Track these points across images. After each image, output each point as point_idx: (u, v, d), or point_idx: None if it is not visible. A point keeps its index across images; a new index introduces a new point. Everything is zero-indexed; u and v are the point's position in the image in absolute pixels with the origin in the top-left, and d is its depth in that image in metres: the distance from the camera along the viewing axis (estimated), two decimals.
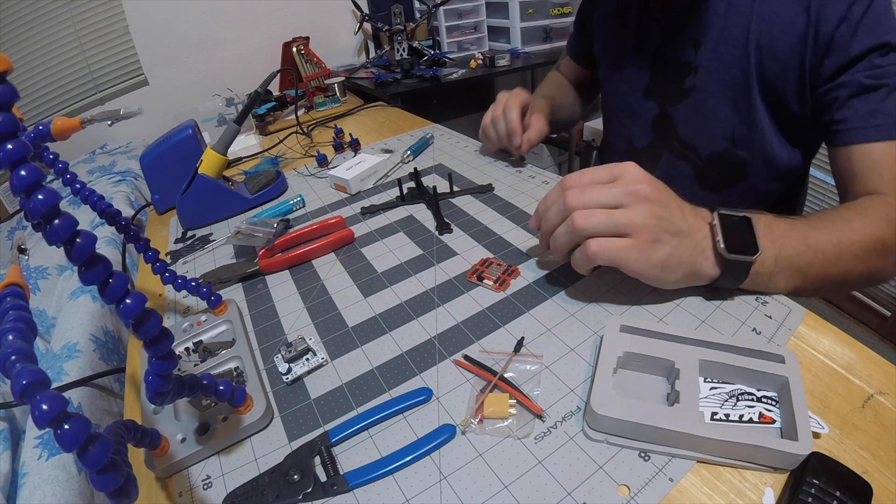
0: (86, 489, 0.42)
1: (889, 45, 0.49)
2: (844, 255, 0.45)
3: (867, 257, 0.46)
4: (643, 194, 0.40)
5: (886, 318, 1.44)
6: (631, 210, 0.40)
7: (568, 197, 0.41)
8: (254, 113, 1.11)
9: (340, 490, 0.33)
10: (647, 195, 0.40)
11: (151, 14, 1.41)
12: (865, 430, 0.33)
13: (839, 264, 0.45)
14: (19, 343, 0.25)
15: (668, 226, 0.40)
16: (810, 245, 0.44)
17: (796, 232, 0.44)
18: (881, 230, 0.46)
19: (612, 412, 0.32)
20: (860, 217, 0.47)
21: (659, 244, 0.40)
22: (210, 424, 0.37)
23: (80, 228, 0.24)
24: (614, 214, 0.40)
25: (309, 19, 1.64)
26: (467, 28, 1.66)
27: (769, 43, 0.56)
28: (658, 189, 0.41)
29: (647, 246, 0.39)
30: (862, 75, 0.50)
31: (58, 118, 0.48)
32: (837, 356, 0.38)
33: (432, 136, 0.90)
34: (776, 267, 0.43)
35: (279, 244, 0.60)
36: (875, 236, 0.46)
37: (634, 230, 0.39)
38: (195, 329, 0.48)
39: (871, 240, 0.45)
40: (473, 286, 0.50)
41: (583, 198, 0.41)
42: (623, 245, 0.39)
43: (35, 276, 0.69)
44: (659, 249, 0.40)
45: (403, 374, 0.41)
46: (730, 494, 0.30)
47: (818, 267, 0.44)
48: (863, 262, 0.46)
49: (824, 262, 0.44)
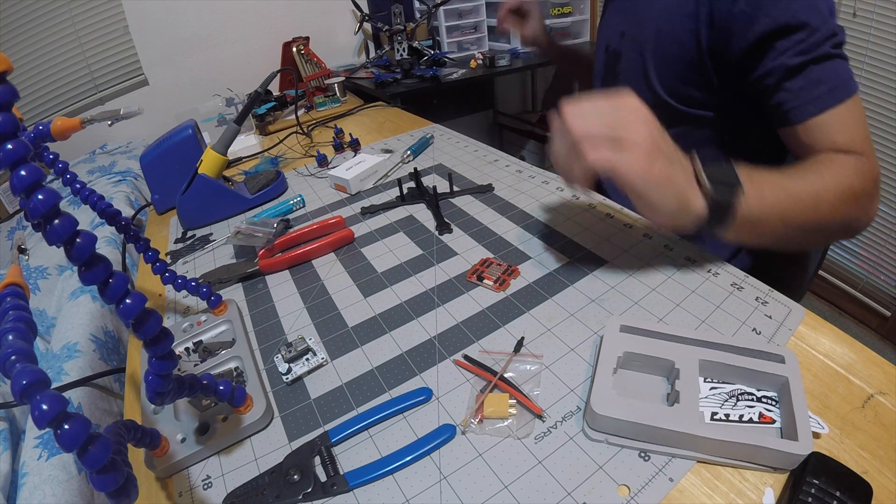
0: (86, 489, 0.42)
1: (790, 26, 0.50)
2: (822, 204, 0.46)
3: (842, 206, 0.47)
4: (634, 109, 0.41)
5: (886, 318, 1.44)
6: (630, 127, 0.40)
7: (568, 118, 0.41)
8: (254, 113, 1.11)
9: (340, 490, 0.33)
10: (637, 109, 0.41)
11: (151, 14, 1.40)
12: (865, 430, 0.33)
13: (818, 212, 0.46)
14: (19, 343, 0.25)
15: (664, 147, 0.41)
16: (789, 193, 0.45)
17: (774, 179, 0.46)
18: (850, 179, 0.48)
19: (612, 412, 0.32)
20: (827, 169, 0.48)
21: (655, 161, 0.40)
22: (210, 424, 0.37)
23: (80, 228, 0.24)
24: (608, 127, 0.40)
25: (309, 19, 1.64)
26: (467, 28, 1.66)
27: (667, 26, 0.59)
28: (651, 113, 0.42)
29: (645, 159, 0.39)
30: (785, 57, 0.51)
31: (58, 118, 0.48)
32: (837, 356, 0.38)
33: (432, 136, 0.90)
34: (761, 213, 0.44)
35: (279, 244, 0.60)
36: (845, 185, 0.47)
37: (632, 144, 0.40)
38: (195, 329, 0.48)
39: (842, 188, 0.47)
40: (473, 286, 0.50)
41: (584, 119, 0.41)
42: (621, 154, 0.40)
43: (35, 276, 0.69)
44: (655, 165, 0.40)
45: (403, 374, 0.41)
46: (730, 494, 0.30)
47: (798, 214, 0.46)
48: (839, 210, 0.47)
49: (803, 208, 0.46)
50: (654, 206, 0.41)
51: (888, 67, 1.24)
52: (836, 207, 0.47)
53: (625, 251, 0.52)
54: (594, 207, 0.60)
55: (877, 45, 1.25)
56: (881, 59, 1.25)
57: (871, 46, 1.26)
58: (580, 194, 0.48)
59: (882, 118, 1.30)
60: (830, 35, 0.49)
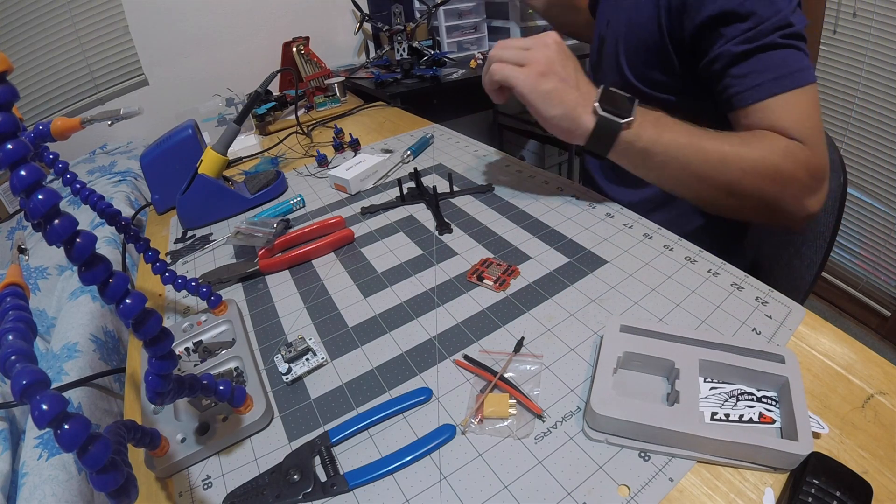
0: (86, 489, 0.42)
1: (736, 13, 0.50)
2: (731, 166, 0.50)
3: (758, 179, 0.50)
4: (546, 44, 0.53)
5: (886, 318, 1.44)
6: (532, 51, 0.53)
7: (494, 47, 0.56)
8: (254, 113, 1.11)
9: (340, 490, 0.33)
10: (548, 45, 0.53)
11: (151, 14, 1.40)
12: (865, 430, 0.33)
13: (726, 173, 0.50)
14: (19, 343, 0.25)
15: (559, 70, 0.52)
16: (693, 143, 0.51)
17: (684, 130, 0.52)
18: (776, 158, 0.49)
19: (612, 412, 0.32)
20: (757, 141, 0.51)
21: (546, 78, 0.51)
22: (210, 424, 0.37)
23: (80, 228, 0.24)
24: (519, 52, 0.53)
25: (309, 19, 1.64)
26: (467, 28, 1.66)
27: (635, 13, 0.63)
28: (562, 49, 0.53)
29: (536, 76, 0.51)
30: (731, 45, 0.52)
31: (58, 118, 0.48)
32: (837, 356, 0.38)
33: (432, 136, 0.90)
34: (654, 146, 0.51)
35: (279, 244, 0.60)
36: (768, 161, 0.49)
37: (529, 62, 0.52)
38: (195, 329, 0.48)
39: (763, 163, 0.49)
40: (473, 286, 0.50)
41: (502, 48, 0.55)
42: (516, 68, 0.53)
43: (35, 276, 0.69)
44: (545, 82, 0.51)
45: (403, 374, 0.41)
46: (730, 494, 0.30)
47: (701, 165, 0.51)
48: (752, 181, 0.50)
49: (707, 162, 0.50)
50: (541, 114, 0.52)
51: (888, 67, 1.24)
52: (750, 178, 0.50)
53: (625, 251, 0.52)
54: (594, 207, 0.60)
55: (877, 45, 1.25)
56: (881, 59, 1.25)
57: (871, 46, 1.26)
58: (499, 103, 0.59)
59: (882, 118, 1.30)
60: (782, 25, 0.49)
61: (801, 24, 0.50)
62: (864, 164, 1.38)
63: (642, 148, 0.51)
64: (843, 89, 1.37)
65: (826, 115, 1.44)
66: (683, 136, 0.51)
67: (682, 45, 0.58)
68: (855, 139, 1.39)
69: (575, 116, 0.51)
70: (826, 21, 1.35)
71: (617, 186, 0.76)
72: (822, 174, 0.51)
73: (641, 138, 0.51)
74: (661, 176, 0.54)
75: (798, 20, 0.50)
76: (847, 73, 1.35)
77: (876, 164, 1.35)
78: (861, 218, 1.44)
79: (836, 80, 1.38)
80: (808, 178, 0.50)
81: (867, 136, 1.35)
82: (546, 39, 0.53)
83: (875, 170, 1.36)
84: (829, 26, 1.35)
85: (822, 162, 0.51)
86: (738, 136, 0.51)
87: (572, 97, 0.51)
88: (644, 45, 0.62)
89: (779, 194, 0.51)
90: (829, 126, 1.44)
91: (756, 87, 0.51)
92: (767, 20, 0.49)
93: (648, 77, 0.64)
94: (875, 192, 1.38)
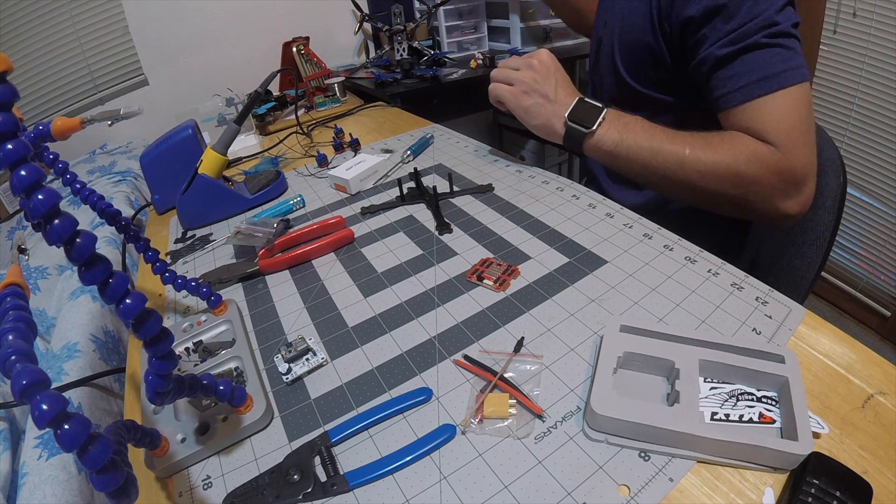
0: (86, 489, 0.42)
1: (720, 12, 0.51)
2: (688, 169, 0.54)
3: (716, 181, 0.53)
4: (531, 65, 0.63)
5: (886, 318, 1.44)
6: (520, 72, 0.64)
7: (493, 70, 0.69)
8: (254, 113, 1.11)
9: (340, 490, 0.33)
10: (533, 66, 0.63)
11: (151, 14, 1.40)
12: (865, 430, 0.33)
13: (683, 175, 0.55)
14: (19, 343, 0.25)
15: (539, 88, 0.63)
16: (654, 147, 0.56)
17: (649, 133, 0.57)
18: (738, 162, 0.51)
19: (612, 412, 0.32)
20: (723, 144, 0.53)
21: (528, 96, 0.63)
22: (210, 424, 0.37)
23: (80, 228, 0.24)
24: (509, 73, 0.66)
25: (309, 19, 1.64)
26: (467, 28, 1.66)
27: (628, 11, 0.65)
28: (546, 66, 0.63)
29: (520, 94, 0.64)
30: (715, 47, 0.52)
31: (58, 118, 0.48)
32: (837, 356, 0.38)
33: (432, 136, 0.90)
34: (617, 149, 0.58)
35: (279, 244, 0.60)
36: (726, 164, 0.52)
37: (516, 83, 0.65)
38: (195, 329, 0.48)
39: (721, 166, 0.52)
40: (473, 286, 0.50)
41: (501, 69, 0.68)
42: (506, 88, 0.66)
43: (35, 276, 0.69)
44: (527, 99, 0.63)
45: (403, 374, 0.41)
46: (730, 494, 0.30)
47: (660, 167, 0.56)
48: (710, 182, 0.54)
49: (665, 165, 0.55)
50: (526, 124, 0.65)
51: (888, 67, 1.24)
52: (708, 180, 0.54)
53: (625, 251, 0.52)
54: (594, 207, 0.60)
55: (877, 45, 1.25)
56: (881, 59, 1.25)
57: (871, 46, 1.26)
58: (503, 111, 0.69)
59: (882, 118, 1.30)
60: (766, 25, 0.49)
61: (788, 21, 0.50)
62: (864, 164, 1.38)
63: (607, 150, 0.59)
64: (843, 89, 1.37)
65: (826, 115, 1.44)
66: (645, 139, 0.56)
67: (672, 45, 0.58)
68: (855, 139, 1.39)
69: (550, 125, 0.62)
70: (826, 21, 1.35)
71: (619, 187, 0.77)
72: (796, 177, 0.51)
73: (605, 143, 0.58)
74: (630, 174, 0.60)
75: (785, 18, 0.50)
76: (847, 73, 1.35)
77: (876, 164, 1.35)
78: (861, 218, 1.44)
79: (836, 80, 1.38)
80: (776, 181, 0.50)
81: (867, 136, 1.35)
82: (532, 61, 0.63)
83: (875, 170, 1.36)
84: (829, 26, 1.35)
85: (796, 164, 0.50)
86: (703, 139, 0.54)
87: (548, 111, 0.62)
88: (639, 45, 0.63)
89: (743, 196, 0.53)
90: (829, 126, 1.44)
91: (739, 90, 0.51)
92: (752, 20, 0.49)
93: (644, 76, 0.65)
94: (875, 192, 1.38)
